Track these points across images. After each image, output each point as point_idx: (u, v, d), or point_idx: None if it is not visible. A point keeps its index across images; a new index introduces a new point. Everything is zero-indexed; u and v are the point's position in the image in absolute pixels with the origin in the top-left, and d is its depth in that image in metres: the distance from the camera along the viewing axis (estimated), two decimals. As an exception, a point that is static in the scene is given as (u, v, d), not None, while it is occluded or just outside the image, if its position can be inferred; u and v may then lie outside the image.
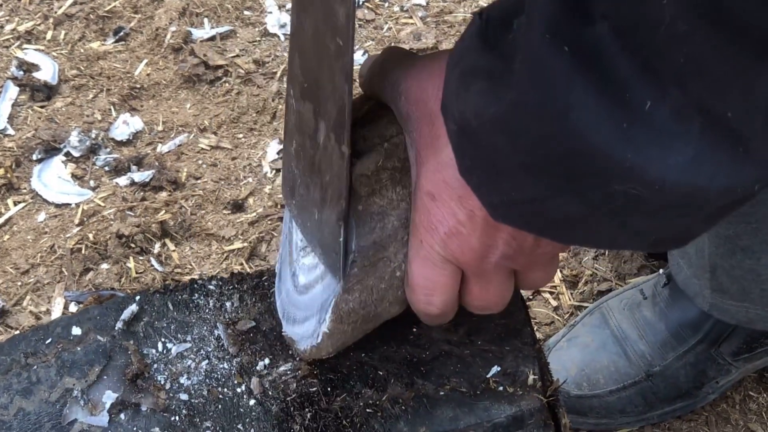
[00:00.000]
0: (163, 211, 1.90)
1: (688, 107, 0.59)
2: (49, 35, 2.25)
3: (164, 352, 0.91)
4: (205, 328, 0.93)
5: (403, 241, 0.83)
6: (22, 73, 2.15)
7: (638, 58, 0.59)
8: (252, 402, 0.87)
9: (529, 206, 0.70)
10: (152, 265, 1.83)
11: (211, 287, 0.96)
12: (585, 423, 1.60)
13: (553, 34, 0.60)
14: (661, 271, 1.61)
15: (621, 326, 1.59)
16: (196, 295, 0.96)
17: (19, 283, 1.82)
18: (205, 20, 2.28)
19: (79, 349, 0.92)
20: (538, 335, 1.72)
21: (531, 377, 0.89)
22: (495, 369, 0.90)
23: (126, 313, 0.93)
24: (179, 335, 0.92)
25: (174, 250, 1.86)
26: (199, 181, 1.97)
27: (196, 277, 1.77)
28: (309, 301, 0.87)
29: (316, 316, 0.86)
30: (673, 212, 0.66)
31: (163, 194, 1.94)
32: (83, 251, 1.84)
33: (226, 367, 0.90)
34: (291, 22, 0.81)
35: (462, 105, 0.69)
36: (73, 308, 1.78)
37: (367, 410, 0.86)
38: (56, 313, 1.77)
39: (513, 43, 0.65)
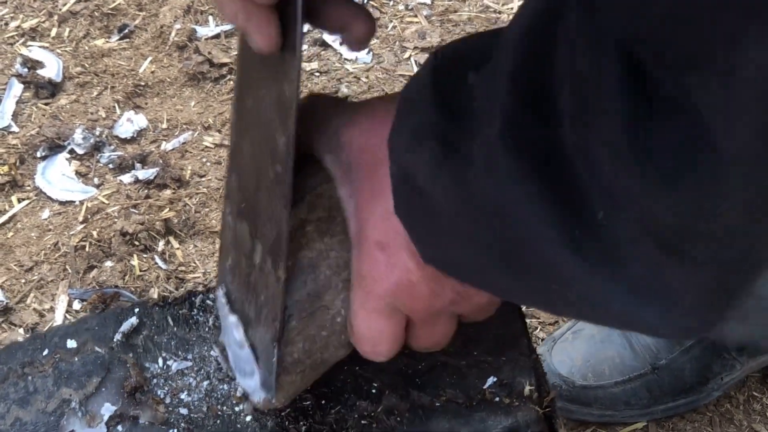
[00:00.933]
0: (167, 209, 1.90)
1: (639, 234, 0.59)
2: (53, 32, 2.25)
3: (164, 367, 0.91)
4: (205, 347, 0.93)
5: (338, 288, 0.82)
6: (26, 70, 2.15)
7: (595, 169, 0.57)
8: (248, 418, 0.87)
9: (461, 269, 0.72)
10: (156, 263, 1.83)
11: (210, 302, 0.96)
12: (589, 414, 1.60)
13: (509, 132, 0.60)
14: None
15: None
16: (196, 310, 0.96)
17: (23, 281, 1.82)
18: (210, 18, 2.27)
19: (76, 359, 0.92)
20: (542, 335, 1.72)
21: (527, 388, 0.89)
22: (491, 380, 0.89)
23: (125, 326, 0.93)
24: (180, 352, 0.92)
25: (178, 248, 1.86)
26: (203, 179, 1.97)
27: (200, 275, 1.78)
28: (248, 356, 0.87)
29: (259, 369, 0.86)
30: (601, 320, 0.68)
31: (167, 192, 1.94)
32: (87, 249, 1.84)
33: (226, 388, 0.90)
34: (231, 140, 0.82)
35: (410, 161, 0.68)
36: (77, 306, 1.78)
37: (362, 422, 0.86)
38: (60, 310, 1.77)
39: (466, 105, 0.65)
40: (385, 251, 0.77)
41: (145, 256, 1.84)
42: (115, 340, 0.93)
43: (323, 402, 0.87)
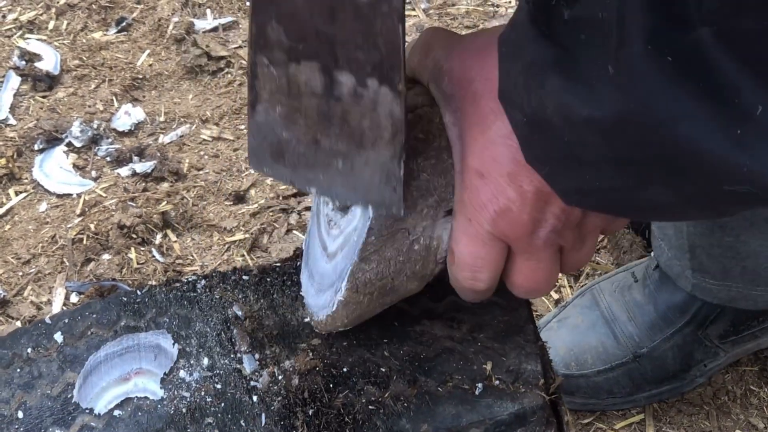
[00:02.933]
0: (165, 202, 1.90)
1: None
2: (51, 25, 2.24)
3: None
4: (207, 324, 0.93)
5: (422, 214, 0.83)
6: (24, 62, 2.15)
7: (746, 63, 0.58)
8: (254, 398, 0.87)
9: (611, 194, 0.70)
10: (153, 256, 1.83)
11: (214, 283, 0.96)
12: (572, 402, 1.61)
13: (654, 45, 0.59)
14: (652, 254, 1.61)
15: (611, 308, 1.60)
16: (199, 290, 0.96)
17: (20, 273, 1.82)
18: (208, 11, 2.27)
19: (81, 343, 0.92)
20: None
21: (533, 374, 0.89)
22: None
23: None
24: (182, 331, 0.92)
25: (175, 241, 1.86)
26: (200, 172, 1.97)
27: (198, 268, 1.78)
28: (331, 270, 0.87)
29: (334, 285, 0.86)
30: None
31: (165, 185, 1.94)
32: (84, 242, 1.83)
33: (228, 363, 0.90)
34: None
35: (537, 100, 0.68)
36: (74, 298, 1.78)
37: (370, 407, 0.86)
38: (57, 303, 1.77)
39: (574, 38, 0.65)
40: (484, 179, 0.78)
41: (142, 249, 1.84)
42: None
43: (331, 386, 0.87)
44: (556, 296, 1.78)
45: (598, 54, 0.63)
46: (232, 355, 0.90)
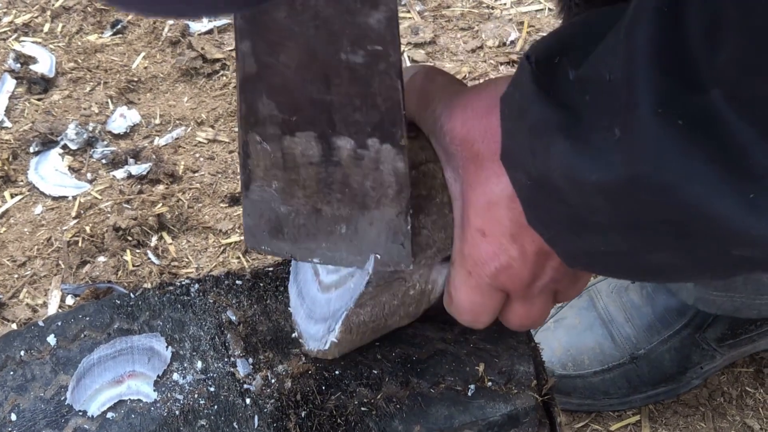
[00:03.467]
0: (160, 204, 1.90)
1: None
2: (46, 28, 2.24)
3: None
4: (201, 327, 0.93)
5: (420, 264, 0.84)
6: (19, 65, 2.15)
7: (756, 126, 0.57)
8: (247, 401, 0.87)
9: (617, 258, 0.71)
10: (149, 258, 1.83)
11: (207, 287, 0.96)
12: (568, 403, 1.61)
13: (664, 108, 0.59)
14: None
15: (608, 309, 1.60)
16: (193, 294, 0.96)
17: (16, 276, 1.82)
18: (203, 13, 2.27)
19: (74, 346, 0.92)
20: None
21: (526, 375, 0.89)
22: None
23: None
24: (175, 335, 0.92)
25: (171, 244, 1.86)
26: (196, 175, 1.97)
27: (193, 270, 1.78)
28: (326, 303, 0.87)
29: (327, 321, 0.86)
30: None
31: (161, 187, 1.94)
32: (80, 244, 1.83)
33: (222, 366, 0.90)
34: (244, 70, 0.78)
35: (542, 163, 0.67)
36: (69, 301, 1.77)
37: (362, 408, 0.86)
38: (53, 305, 1.77)
39: (577, 99, 0.65)
40: (486, 238, 0.80)
41: (138, 251, 1.84)
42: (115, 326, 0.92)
43: (323, 388, 0.87)
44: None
45: (606, 116, 0.62)
46: (225, 359, 0.90)
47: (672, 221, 0.63)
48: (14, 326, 1.73)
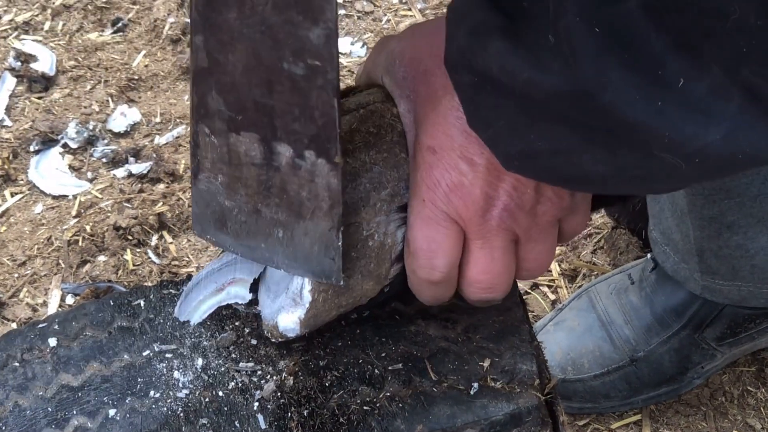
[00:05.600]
0: (161, 203, 1.90)
1: (729, 85, 0.60)
2: (47, 26, 2.24)
3: (160, 349, 0.91)
4: (201, 325, 0.93)
5: (376, 208, 0.83)
6: (19, 63, 2.15)
7: (671, 36, 0.59)
8: (249, 399, 0.87)
9: (550, 158, 0.71)
10: (149, 258, 1.83)
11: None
12: (569, 407, 1.61)
13: (583, 16, 0.61)
14: (648, 255, 1.61)
15: (607, 311, 1.60)
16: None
17: (16, 275, 1.82)
18: (204, 11, 2.27)
19: (75, 345, 0.91)
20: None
21: (529, 374, 0.89)
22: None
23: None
24: (176, 332, 0.92)
25: (171, 243, 1.86)
26: (196, 173, 1.97)
27: (194, 269, 1.77)
28: (284, 273, 0.87)
29: (287, 287, 0.86)
30: (709, 175, 0.68)
31: (161, 186, 1.94)
32: (80, 243, 1.83)
33: (223, 363, 0.89)
34: (196, 62, 0.80)
35: (482, 60, 0.68)
36: (69, 300, 1.77)
37: (365, 408, 0.86)
38: (53, 304, 1.77)
39: (516, 5, 0.66)
40: (436, 154, 0.79)
41: (138, 250, 1.84)
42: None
43: (326, 386, 0.87)
44: (552, 297, 1.78)
45: (540, 23, 0.64)
46: (226, 356, 0.90)
47: (596, 124, 0.65)
48: (14, 325, 1.73)
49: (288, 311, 0.86)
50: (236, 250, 0.87)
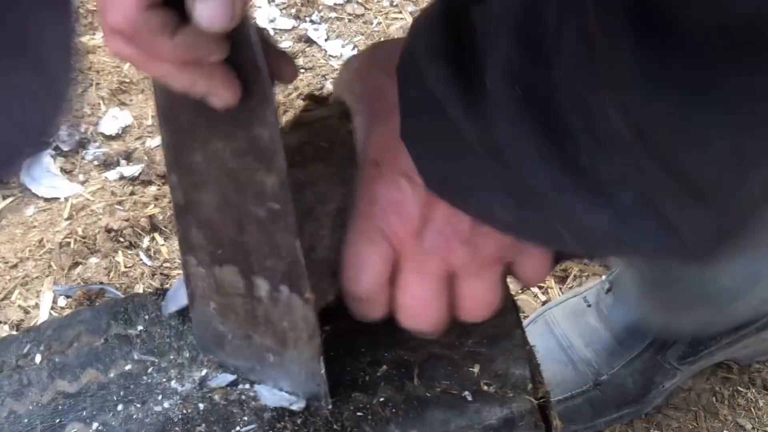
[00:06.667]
0: (152, 206, 1.90)
1: (626, 180, 0.62)
2: (37, 28, 2.24)
3: (158, 358, 0.91)
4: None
5: (319, 222, 0.82)
6: (10, 66, 2.14)
7: (588, 117, 0.60)
8: (245, 408, 0.87)
9: (467, 192, 0.72)
10: (141, 260, 1.83)
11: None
12: None
13: (512, 76, 0.62)
14: (603, 277, 1.60)
15: (566, 334, 1.57)
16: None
17: (8, 277, 1.82)
18: (195, 14, 2.27)
19: (71, 351, 0.92)
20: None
21: (521, 379, 0.89)
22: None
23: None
24: (174, 343, 0.92)
25: (163, 245, 1.85)
26: (188, 176, 1.97)
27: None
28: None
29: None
30: (596, 252, 0.70)
31: (153, 188, 1.94)
32: (72, 245, 1.83)
33: (219, 373, 0.90)
34: (176, 199, 0.81)
35: (428, 79, 0.69)
36: (62, 302, 1.77)
37: (358, 414, 0.86)
38: (45, 307, 1.76)
39: (471, 37, 0.67)
40: (379, 169, 0.78)
41: (130, 252, 1.84)
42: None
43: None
44: (543, 297, 1.79)
45: (478, 61, 0.65)
46: (223, 368, 0.90)
47: (506, 176, 0.66)
48: (6, 328, 1.73)
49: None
50: (237, 370, 0.89)
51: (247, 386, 0.89)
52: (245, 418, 0.86)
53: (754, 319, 1.52)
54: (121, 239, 1.84)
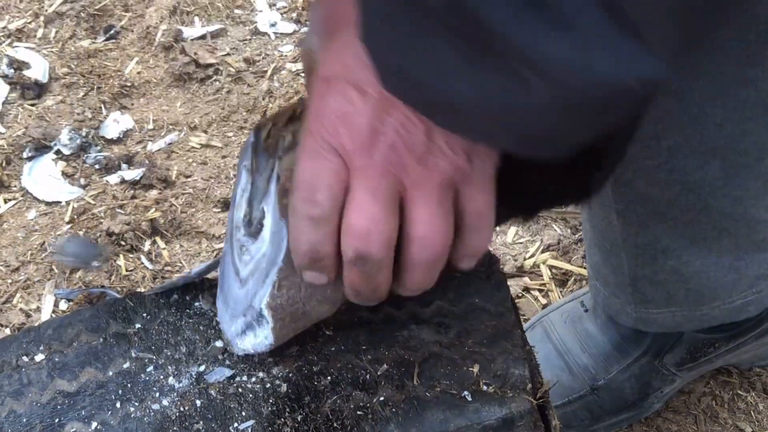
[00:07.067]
0: (154, 209, 1.90)
1: (593, 3, 0.60)
2: (39, 33, 2.24)
3: (156, 354, 0.91)
4: (197, 331, 0.93)
5: None
6: (12, 71, 2.15)
7: None
8: (243, 405, 0.87)
9: (424, 75, 0.69)
10: (142, 263, 1.83)
11: (203, 290, 0.97)
12: None
13: None
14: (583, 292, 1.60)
15: (563, 340, 1.57)
16: (188, 298, 0.96)
17: (9, 281, 1.82)
18: (196, 19, 2.28)
19: (70, 351, 0.92)
20: (528, 334, 1.73)
21: (521, 379, 0.89)
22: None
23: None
24: (171, 339, 0.92)
25: (164, 248, 1.86)
26: (189, 180, 1.97)
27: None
28: (243, 296, 0.87)
29: (245, 312, 0.86)
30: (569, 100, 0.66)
31: (154, 192, 1.94)
32: (73, 249, 1.84)
33: (217, 369, 0.90)
34: None
35: None
36: (63, 306, 1.78)
37: (358, 412, 0.86)
38: (46, 310, 1.77)
39: None
40: (329, 84, 0.75)
41: (131, 256, 1.84)
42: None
43: (319, 392, 0.87)
44: (544, 300, 1.79)
45: None
46: (221, 363, 0.90)
47: (465, 31, 0.64)
48: (8, 331, 1.73)
49: (246, 335, 0.87)
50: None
51: (245, 378, 0.89)
52: (243, 414, 0.86)
53: (750, 328, 1.52)
54: (123, 243, 1.85)
